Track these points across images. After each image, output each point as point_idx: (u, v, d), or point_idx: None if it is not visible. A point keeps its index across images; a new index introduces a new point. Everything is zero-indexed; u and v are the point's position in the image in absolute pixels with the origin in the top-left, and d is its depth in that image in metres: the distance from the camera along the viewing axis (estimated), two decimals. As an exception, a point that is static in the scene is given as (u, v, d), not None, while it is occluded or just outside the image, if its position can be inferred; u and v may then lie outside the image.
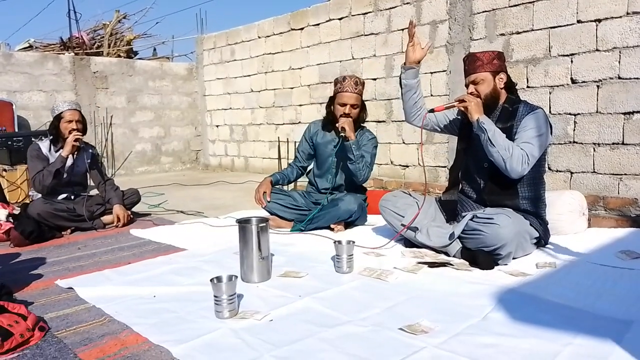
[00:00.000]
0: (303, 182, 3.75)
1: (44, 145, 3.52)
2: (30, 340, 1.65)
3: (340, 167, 3.30)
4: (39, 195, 3.48)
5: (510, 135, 2.44)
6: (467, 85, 2.57)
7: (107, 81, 7.24)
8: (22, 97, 6.52)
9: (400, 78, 2.71)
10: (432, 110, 2.65)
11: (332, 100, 3.25)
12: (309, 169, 3.55)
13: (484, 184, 2.57)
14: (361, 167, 3.13)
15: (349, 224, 3.26)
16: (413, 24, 2.56)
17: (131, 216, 3.74)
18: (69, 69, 6.92)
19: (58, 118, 3.50)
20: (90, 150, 3.73)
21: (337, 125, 3.13)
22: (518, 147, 2.37)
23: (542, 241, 2.57)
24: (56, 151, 3.51)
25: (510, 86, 2.57)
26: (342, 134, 3.09)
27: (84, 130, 3.57)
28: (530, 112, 2.46)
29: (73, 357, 1.56)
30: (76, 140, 3.45)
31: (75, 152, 3.54)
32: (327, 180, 3.36)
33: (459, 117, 2.75)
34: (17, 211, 3.58)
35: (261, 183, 3.35)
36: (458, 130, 2.76)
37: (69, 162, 3.52)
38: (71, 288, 2.20)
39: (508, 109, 2.52)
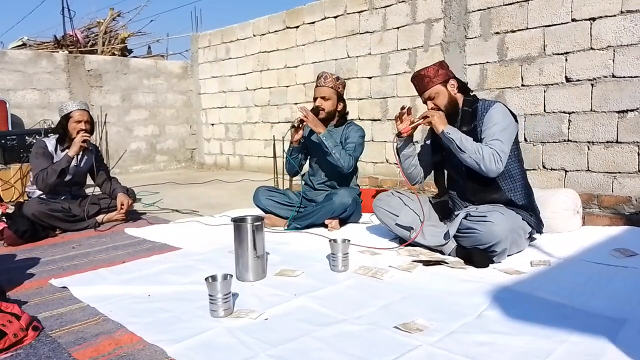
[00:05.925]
0: (300, 182, 3.74)
1: (50, 143, 3.51)
2: (24, 340, 1.64)
3: (325, 163, 3.30)
4: (37, 193, 3.45)
5: (476, 135, 2.47)
6: (425, 102, 2.60)
7: (101, 79, 7.21)
8: (16, 96, 6.47)
9: (396, 149, 2.73)
10: (399, 134, 2.61)
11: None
12: (303, 171, 3.55)
13: (465, 186, 2.60)
14: (339, 157, 3.11)
15: (343, 221, 3.26)
16: (408, 111, 2.59)
17: (132, 204, 3.72)
18: (63, 67, 6.88)
19: (66, 117, 3.48)
20: (93, 152, 3.72)
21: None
22: (487, 146, 2.39)
23: (535, 232, 2.58)
24: (62, 150, 3.50)
25: (464, 88, 2.61)
26: (294, 124, 3.24)
27: (91, 131, 3.57)
28: (489, 108, 2.48)
29: (67, 357, 1.55)
30: (84, 141, 3.45)
31: (80, 152, 3.53)
32: (320, 175, 3.39)
33: (428, 135, 2.79)
34: (11, 210, 3.56)
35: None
36: (431, 146, 2.77)
37: (73, 162, 3.50)
38: (65, 287, 2.19)
39: (468, 111, 2.55)
